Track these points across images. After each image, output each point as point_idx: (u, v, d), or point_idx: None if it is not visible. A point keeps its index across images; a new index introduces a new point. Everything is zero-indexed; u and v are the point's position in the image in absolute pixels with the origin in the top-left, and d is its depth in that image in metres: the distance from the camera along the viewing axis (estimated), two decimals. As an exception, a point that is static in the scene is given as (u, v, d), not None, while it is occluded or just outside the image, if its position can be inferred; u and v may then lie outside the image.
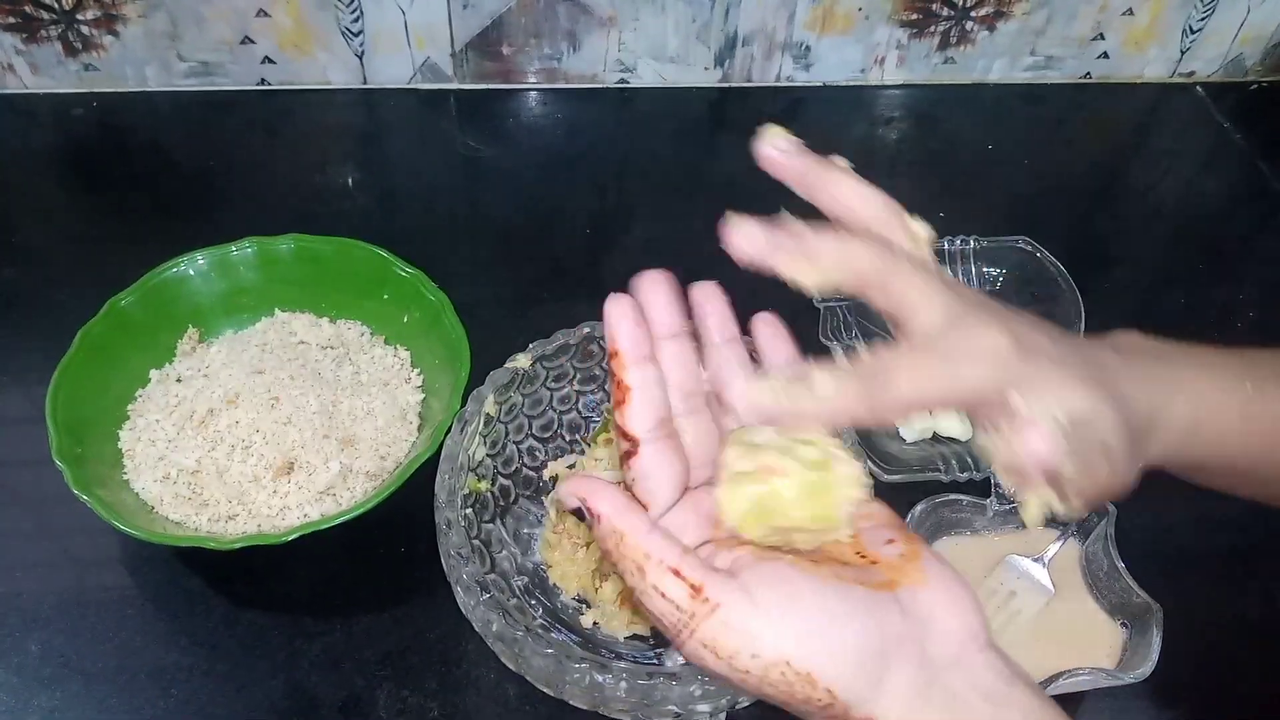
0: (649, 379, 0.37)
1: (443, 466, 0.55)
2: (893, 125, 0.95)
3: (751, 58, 0.94)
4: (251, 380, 0.63)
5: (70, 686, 0.55)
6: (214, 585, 0.60)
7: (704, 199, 0.87)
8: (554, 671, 0.48)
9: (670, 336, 0.38)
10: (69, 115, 0.89)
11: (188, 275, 0.68)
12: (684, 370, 0.38)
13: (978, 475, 0.64)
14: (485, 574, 0.54)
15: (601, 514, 0.35)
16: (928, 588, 0.34)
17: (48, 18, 0.85)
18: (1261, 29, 0.98)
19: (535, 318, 0.67)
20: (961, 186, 0.90)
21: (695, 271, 0.83)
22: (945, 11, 0.92)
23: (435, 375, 0.66)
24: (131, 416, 0.64)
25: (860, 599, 0.33)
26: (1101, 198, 0.90)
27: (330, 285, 0.70)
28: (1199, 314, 0.80)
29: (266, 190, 0.85)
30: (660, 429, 0.37)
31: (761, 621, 0.32)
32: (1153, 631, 0.53)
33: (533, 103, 0.94)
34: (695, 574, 0.33)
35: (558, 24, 0.90)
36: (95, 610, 0.58)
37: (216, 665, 0.56)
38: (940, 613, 0.33)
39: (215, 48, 0.88)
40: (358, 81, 0.93)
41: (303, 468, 0.60)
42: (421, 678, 0.56)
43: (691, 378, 0.38)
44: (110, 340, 0.64)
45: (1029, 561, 0.59)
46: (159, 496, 0.60)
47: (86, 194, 0.84)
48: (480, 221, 0.84)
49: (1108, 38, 0.96)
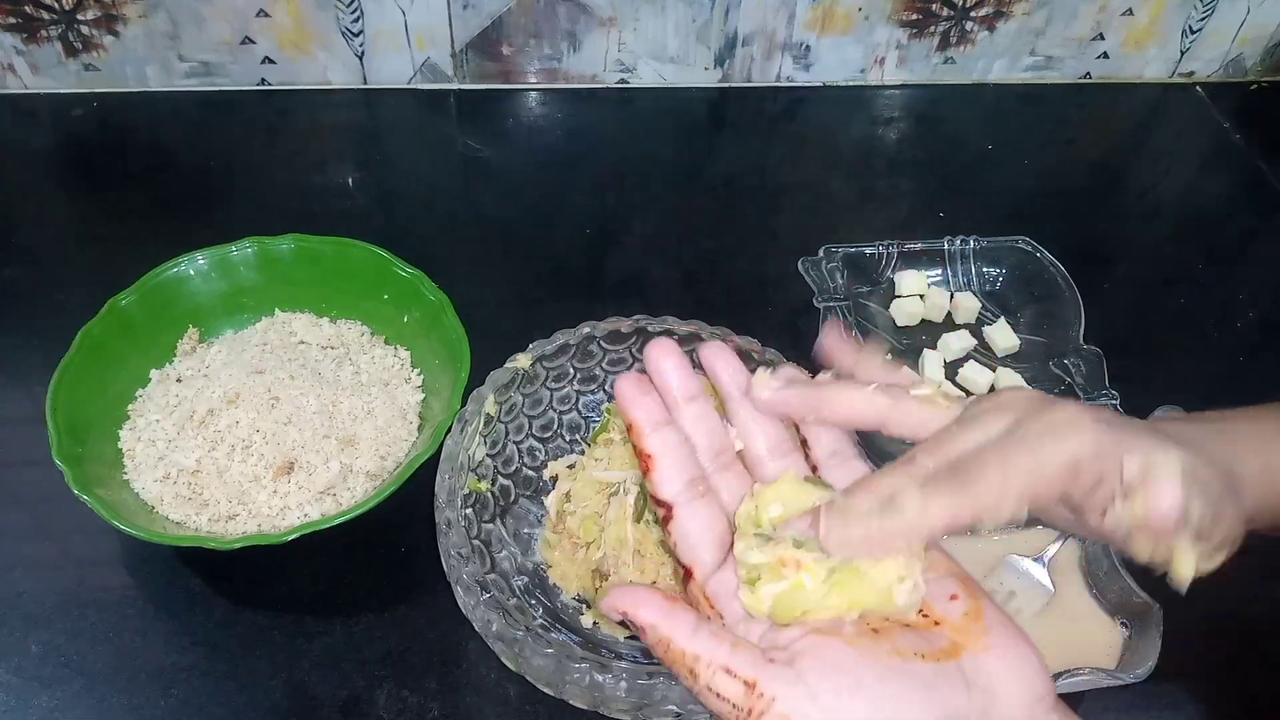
0: (669, 442, 0.36)
1: (443, 466, 0.55)
2: (893, 125, 0.95)
3: (751, 58, 0.94)
4: (251, 380, 0.63)
5: (70, 686, 0.55)
6: (214, 585, 0.60)
7: (704, 199, 0.87)
8: (554, 671, 0.48)
9: (688, 400, 0.38)
10: (69, 115, 0.89)
11: (188, 275, 0.68)
12: (709, 430, 0.38)
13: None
14: (485, 574, 0.54)
15: (645, 624, 0.33)
16: (991, 653, 0.32)
17: (48, 18, 0.85)
18: (1261, 29, 0.98)
19: (535, 318, 0.67)
20: (961, 186, 0.90)
21: (695, 271, 0.83)
22: (945, 12, 0.92)
23: (435, 375, 0.66)
24: (131, 416, 0.64)
25: (922, 676, 0.31)
26: (1101, 198, 0.90)
27: (330, 285, 0.70)
28: (1199, 314, 0.80)
29: (266, 190, 0.85)
30: (692, 489, 0.36)
31: (821, 714, 0.31)
32: (1153, 631, 0.53)
33: (533, 103, 0.94)
34: (748, 669, 0.32)
35: (558, 24, 0.90)
36: (95, 610, 0.58)
37: (216, 665, 0.56)
38: (1006, 680, 0.32)
39: (215, 48, 0.89)
40: (358, 81, 0.93)
41: (303, 468, 0.61)
42: (421, 678, 0.56)
43: (717, 436, 0.38)
44: (110, 340, 0.64)
45: (1029, 561, 0.59)
46: (159, 496, 0.60)
47: (86, 194, 0.84)
48: (480, 221, 0.84)
49: (1107, 38, 0.96)
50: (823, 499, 0.35)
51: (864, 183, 0.89)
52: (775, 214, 0.86)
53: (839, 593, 0.33)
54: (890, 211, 0.86)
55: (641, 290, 0.78)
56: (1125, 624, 0.57)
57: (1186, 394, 0.65)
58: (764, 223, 0.85)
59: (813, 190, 0.89)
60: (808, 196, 0.88)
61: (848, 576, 0.33)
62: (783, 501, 0.35)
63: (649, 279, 0.79)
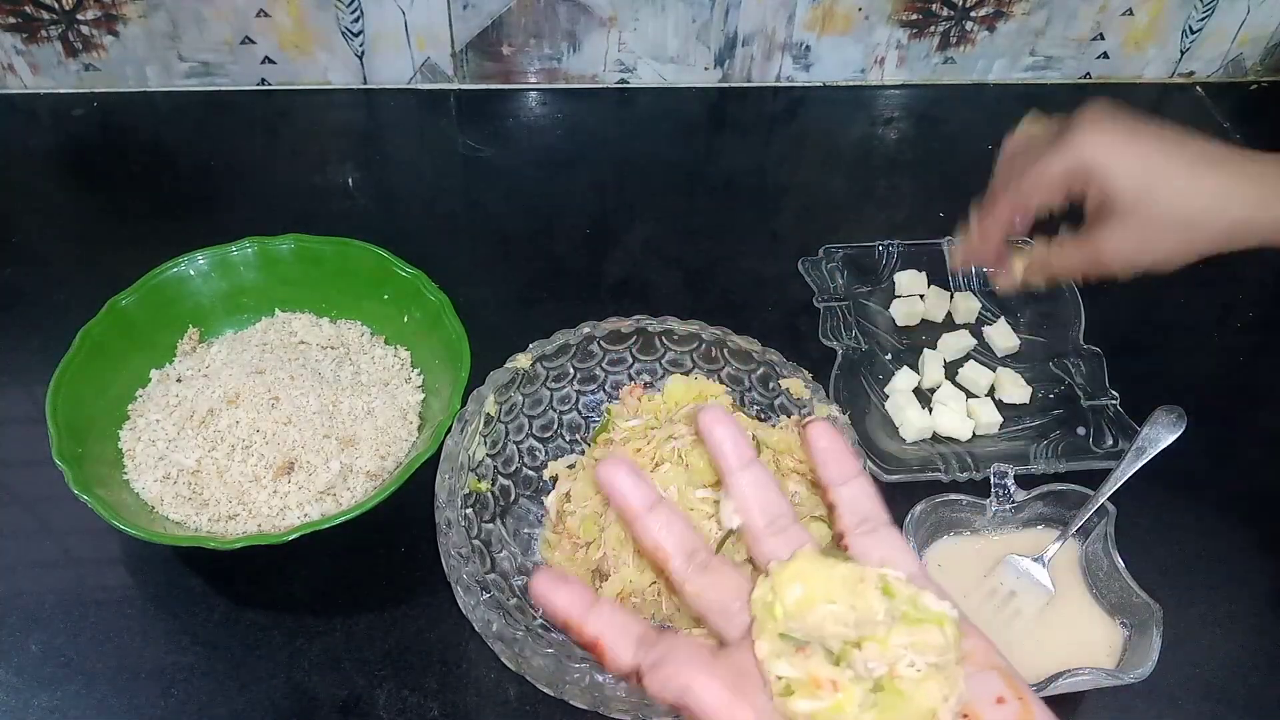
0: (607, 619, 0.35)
1: (443, 466, 0.55)
2: (893, 125, 0.95)
3: (751, 58, 0.94)
4: (252, 380, 0.63)
5: (70, 686, 0.55)
6: (214, 585, 0.60)
7: (704, 199, 0.87)
8: (554, 671, 0.48)
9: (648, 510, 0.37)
10: (69, 115, 0.89)
11: (188, 275, 0.68)
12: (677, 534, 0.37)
13: (978, 475, 0.64)
14: (485, 574, 0.54)
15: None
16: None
17: (48, 18, 0.85)
18: (1261, 29, 0.98)
19: (535, 318, 0.67)
20: (961, 186, 0.90)
21: (695, 271, 0.83)
22: (945, 12, 0.92)
23: (435, 375, 0.66)
24: (132, 416, 0.64)
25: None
26: (1101, 198, 0.90)
27: (330, 285, 0.70)
28: (1199, 314, 0.80)
29: (266, 190, 0.85)
30: (644, 647, 0.34)
31: None
32: (1153, 631, 0.53)
33: (533, 103, 0.95)
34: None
35: (558, 24, 0.90)
36: (95, 610, 0.58)
37: (217, 665, 0.56)
38: None
39: (215, 48, 0.89)
40: (358, 81, 0.93)
41: (303, 468, 0.61)
42: (421, 678, 0.56)
43: (686, 538, 0.37)
44: (110, 340, 0.64)
45: (1029, 561, 0.59)
46: (159, 496, 0.60)
47: (86, 194, 0.84)
48: (480, 221, 0.84)
49: (1107, 38, 0.96)
50: (851, 575, 0.32)
51: (864, 183, 0.89)
52: (775, 214, 0.86)
53: (881, 717, 0.30)
54: (890, 211, 0.86)
55: (641, 290, 0.78)
56: (1125, 624, 0.57)
57: (1186, 394, 0.65)
58: (764, 223, 0.85)
59: (813, 190, 0.89)
60: (808, 196, 0.88)
61: (890, 699, 0.30)
62: (803, 581, 0.32)
63: (649, 279, 0.79)
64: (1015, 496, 0.60)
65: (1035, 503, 0.61)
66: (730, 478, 0.36)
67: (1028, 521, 0.61)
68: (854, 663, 0.30)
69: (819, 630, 0.31)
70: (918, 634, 0.31)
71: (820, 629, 0.31)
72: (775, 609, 0.32)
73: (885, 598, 0.32)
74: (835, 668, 0.30)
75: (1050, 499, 0.61)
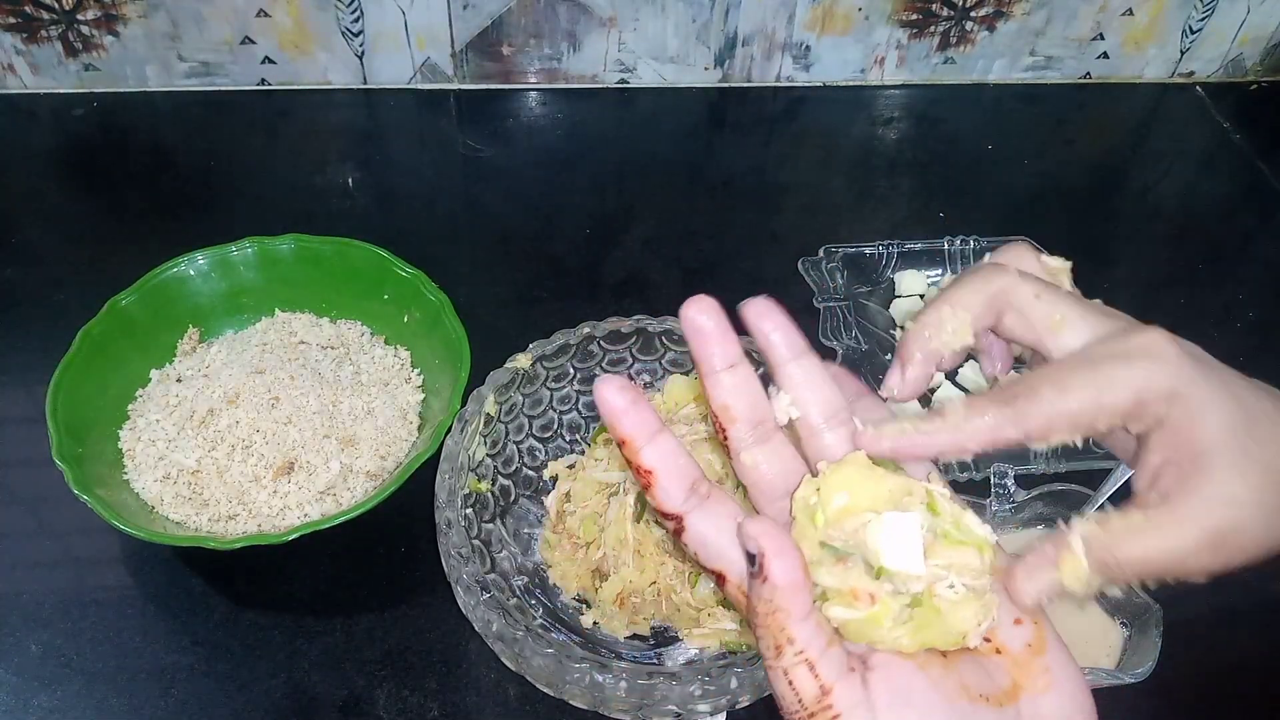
0: (665, 451, 0.33)
1: (443, 466, 0.55)
2: (893, 125, 0.95)
3: (751, 58, 0.94)
4: (251, 380, 0.63)
5: (70, 686, 0.55)
6: (214, 585, 0.60)
7: (704, 199, 0.87)
8: (554, 671, 0.48)
9: (728, 368, 0.34)
10: (69, 115, 0.89)
11: (188, 275, 0.68)
12: (751, 402, 0.34)
13: (977, 475, 0.64)
14: (485, 574, 0.54)
15: (771, 578, 0.30)
16: (1050, 694, 0.32)
17: (48, 18, 0.85)
18: (1261, 29, 0.98)
19: (535, 318, 0.67)
20: (961, 186, 0.90)
21: (694, 270, 0.83)
22: (945, 12, 0.92)
23: (435, 375, 0.66)
24: (132, 416, 0.64)
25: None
26: (1101, 198, 0.90)
27: (330, 285, 0.70)
28: (1199, 314, 0.80)
29: (266, 190, 0.85)
30: (695, 494, 0.33)
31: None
32: (1153, 631, 0.53)
33: (533, 103, 0.95)
34: (830, 675, 0.30)
35: (558, 24, 0.90)
36: (95, 610, 0.58)
37: (217, 665, 0.56)
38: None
39: (215, 48, 0.89)
40: (358, 81, 0.93)
41: (303, 468, 0.61)
42: (421, 678, 0.56)
43: (760, 406, 0.34)
44: (110, 340, 0.64)
45: (1029, 561, 0.59)
46: (159, 496, 0.60)
47: (86, 194, 0.84)
48: (480, 221, 0.84)
49: (1107, 38, 0.96)
50: (898, 488, 0.32)
51: (864, 183, 0.90)
52: (775, 214, 0.86)
53: (914, 633, 0.30)
54: (890, 211, 0.86)
55: (641, 290, 0.78)
56: (1125, 624, 0.57)
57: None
58: (764, 223, 0.85)
59: (813, 190, 0.89)
60: (808, 197, 0.88)
61: (926, 616, 0.30)
62: (850, 490, 0.32)
63: (649, 279, 0.79)
64: (1015, 496, 0.60)
65: (1035, 503, 0.61)
66: (783, 369, 0.34)
67: (1028, 521, 0.61)
68: (894, 577, 0.30)
69: (859, 541, 0.31)
70: (957, 555, 0.31)
71: (861, 541, 0.31)
72: (817, 516, 0.32)
73: (929, 514, 0.31)
74: (875, 581, 0.30)
75: (1050, 499, 0.60)
